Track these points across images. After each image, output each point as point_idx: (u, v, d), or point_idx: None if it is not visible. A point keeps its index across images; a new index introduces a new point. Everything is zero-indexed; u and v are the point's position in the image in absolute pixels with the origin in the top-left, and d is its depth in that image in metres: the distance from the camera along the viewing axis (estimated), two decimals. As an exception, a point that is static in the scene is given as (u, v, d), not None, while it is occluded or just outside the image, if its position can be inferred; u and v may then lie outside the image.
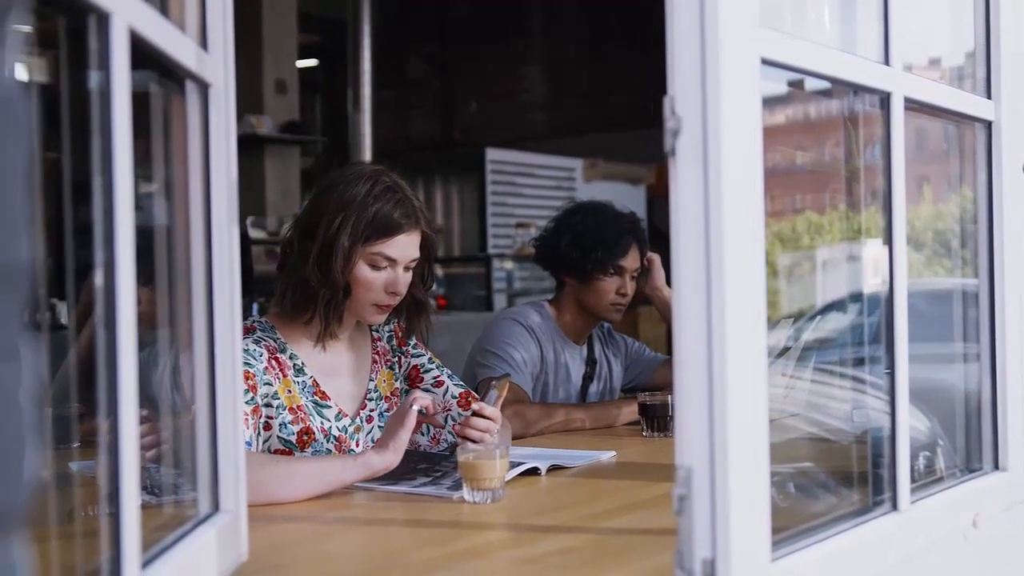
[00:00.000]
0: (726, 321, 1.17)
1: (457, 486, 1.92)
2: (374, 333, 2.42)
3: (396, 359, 2.43)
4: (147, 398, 1.30)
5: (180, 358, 1.43)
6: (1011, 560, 1.86)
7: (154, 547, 1.17)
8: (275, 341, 2.22)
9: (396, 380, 2.41)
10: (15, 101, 0.55)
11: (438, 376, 2.43)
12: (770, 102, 1.27)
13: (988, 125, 1.81)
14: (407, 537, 1.70)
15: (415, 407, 1.99)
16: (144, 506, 1.08)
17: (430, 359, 2.46)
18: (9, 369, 0.54)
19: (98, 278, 1.00)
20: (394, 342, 2.44)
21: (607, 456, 2.37)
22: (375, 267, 2.20)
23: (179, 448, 1.49)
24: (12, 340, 0.55)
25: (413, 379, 2.42)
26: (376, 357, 2.39)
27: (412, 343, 2.46)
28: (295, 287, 2.21)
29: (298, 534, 1.76)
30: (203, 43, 1.35)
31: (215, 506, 1.38)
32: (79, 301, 1.27)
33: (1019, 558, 1.89)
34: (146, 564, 1.10)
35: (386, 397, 2.38)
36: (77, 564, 1.16)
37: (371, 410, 2.34)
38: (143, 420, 1.50)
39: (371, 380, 2.36)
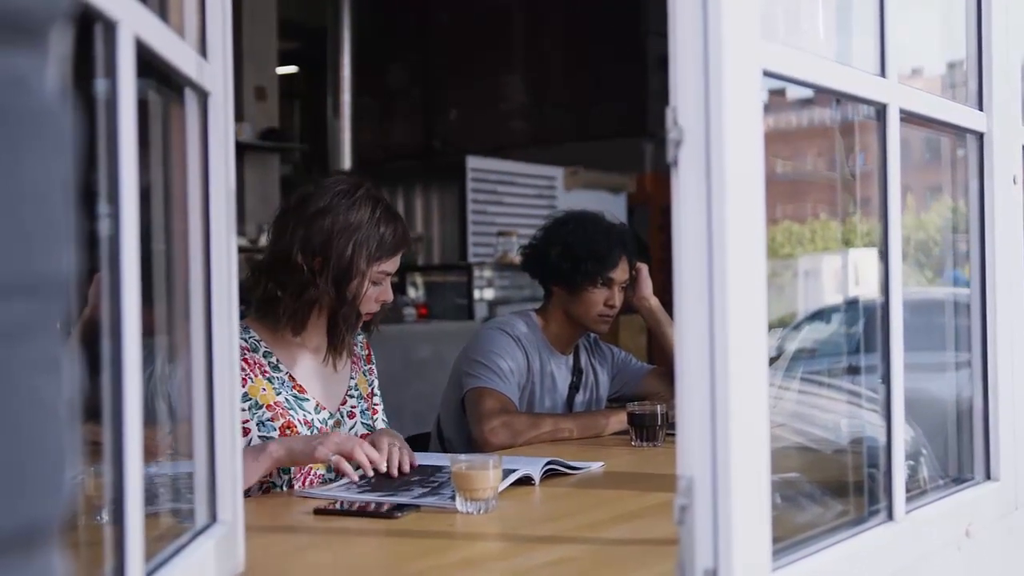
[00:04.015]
0: (728, 331, 1.16)
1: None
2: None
3: (368, 368, 2.52)
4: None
5: (173, 367, 1.42)
6: (1004, 569, 1.87)
7: (154, 558, 1.16)
8: (246, 340, 2.25)
9: (368, 386, 2.50)
10: (57, 113, 0.54)
11: (377, 406, 2.49)
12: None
13: (980, 136, 1.82)
14: (402, 548, 1.69)
15: (333, 458, 2.07)
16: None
17: (378, 385, 2.54)
18: (50, 380, 0.54)
19: (104, 287, 0.99)
20: (365, 352, 2.53)
21: (596, 466, 2.36)
22: (376, 283, 2.32)
23: (173, 457, 1.48)
24: (53, 351, 0.55)
25: (367, 397, 2.50)
26: (355, 359, 2.47)
27: (367, 364, 2.54)
28: (305, 306, 2.28)
29: (293, 545, 1.75)
30: (202, 51, 1.35)
31: (212, 517, 1.37)
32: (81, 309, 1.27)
33: (1012, 567, 1.89)
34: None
35: (365, 397, 2.46)
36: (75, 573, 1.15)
37: (352, 406, 2.42)
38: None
39: (352, 379, 2.44)
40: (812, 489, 1.74)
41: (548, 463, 2.21)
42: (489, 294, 7.69)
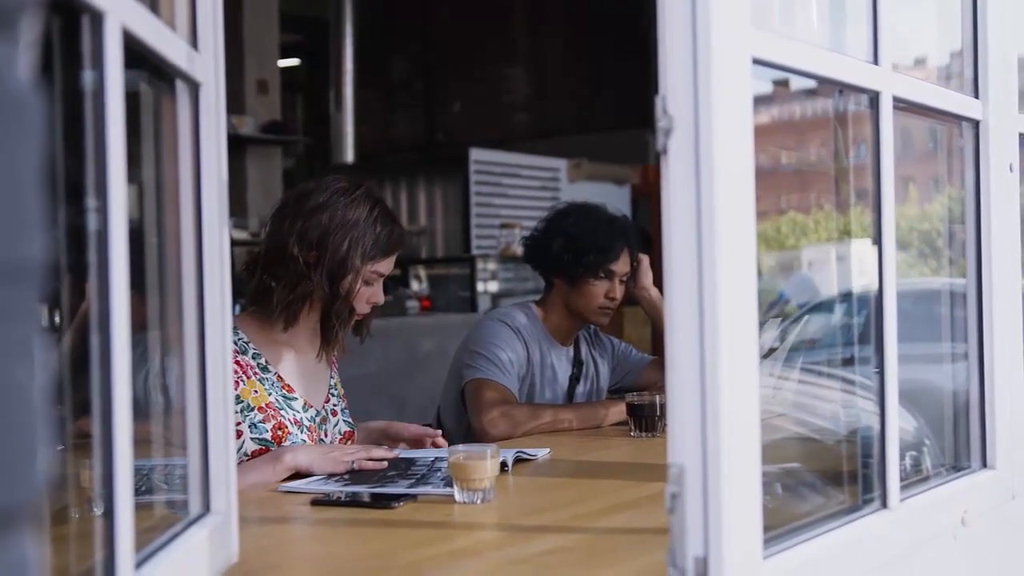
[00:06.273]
0: (718, 319, 1.17)
1: (449, 483, 1.92)
2: None
3: (336, 369, 2.55)
4: (134, 400, 1.30)
5: (167, 360, 1.43)
6: (1000, 557, 1.87)
7: (146, 548, 1.17)
8: (235, 343, 2.26)
9: (341, 386, 2.54)
10: (28, 100, 0.55)
11: (336, 406, 2.49)
12: (755, 101, 1.28)
13: (976, 124, 1.82)
14: (398, 538, 1.69)
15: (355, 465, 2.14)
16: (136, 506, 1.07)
17: (340, 384, 2.56)
18: (22, 365, 0.55)
19: (92, 280, 1.00)
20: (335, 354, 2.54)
21: (543, 453, 2.38)
22: (368, 283, 2.33)
23: (168, 450, 1.48)
24: (26, 336, 0.55)
25: (343, 397, 2.53)
26: (333, 359, 2.50)
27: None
28: (298, 300, 2.29)
29: (288, 535, 1.75)
30: (193, 42, 1.35)
31: (206, 507, 1.38)
32: (66, 302, 1.27)
33: (1007, 555, 1.90)
34: (138, 565, 1.09)
35: (341, 396, 2.50)
36: (69, 565, 1.15)
37: (334, 404, 2.45)
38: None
39: (332, 378, 2.48)
40: (811, 478, 1.74)
41: (517, 457, 2.25)
42: (492, 287, 7.69)
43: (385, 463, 2.17)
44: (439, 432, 2.49)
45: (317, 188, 2.33)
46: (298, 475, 2.11)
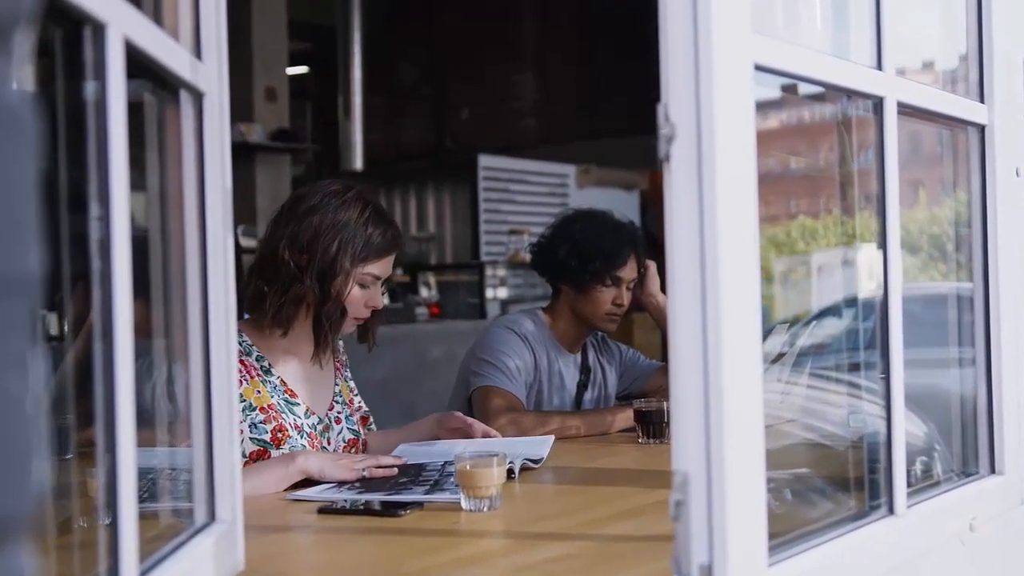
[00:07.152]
0: (721, 326, 1.16)
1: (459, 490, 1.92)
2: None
3: (347, 373, 2.56)
4: (142, 409, 1.31)
5: (174, 369, 1.43)
6: (1007, 564, 1.86)
7: (151, 557, 1.17)
8: (240, 344, 2.27)
9: (350, 392, 2.53)
10: (23, 112, 0.55)
11: (340, 414, 2.48)
12: (763, 106, 1.28)
13: (981, 129, 1.81)
14: (404, 546, 1.69)
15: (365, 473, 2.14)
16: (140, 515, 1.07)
17: (346, 391, 2.55)
18: (16, 377, 0.55)
19: (94, 289, 1.00)
20: (344, 357, 2.56)
21: (548, 444, 2.39)
22: (363, 286, 2.33)
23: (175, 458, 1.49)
24: (20, 348, 0.55)
25: (349, 403, 2.53)
26: (338, 366, 2.51)
27: (347, 370, 2.57)
28: (290, 303, 2.29)
29: (294, 544, 1.75)
30: (197, 52, 1.35)
31: (211, 516, 1.38)
32: (73, 311, 1.28)
33: (1015, 562, 1.89)
34: (143, 574, 1.09)
35: (347, 403, 2.50)
36: (74, 574, 1.16)
37: (338, 412, 2.46)
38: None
39: (336, 385, 2.48)
40: (819, 484, 1.73)
41: (523, 465, 2.24)
42: (502, 293, 7.70)
43: (395, 470, 2.17)
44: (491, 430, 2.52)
45: (310, 192, 2.35)
46: (306, 481, 2.11)
